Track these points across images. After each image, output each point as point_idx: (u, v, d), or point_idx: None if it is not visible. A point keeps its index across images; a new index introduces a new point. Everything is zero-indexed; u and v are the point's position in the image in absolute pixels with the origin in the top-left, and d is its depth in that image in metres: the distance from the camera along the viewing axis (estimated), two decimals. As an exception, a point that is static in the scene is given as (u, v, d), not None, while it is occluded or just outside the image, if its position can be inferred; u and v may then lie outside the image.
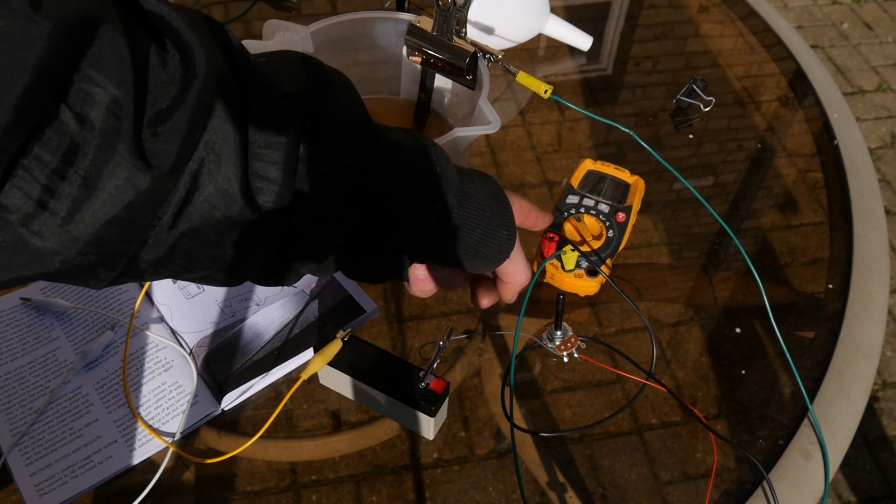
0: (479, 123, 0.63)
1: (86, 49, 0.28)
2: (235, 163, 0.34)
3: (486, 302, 0.53)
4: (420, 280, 0.50)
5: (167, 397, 0.60)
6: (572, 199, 0.72)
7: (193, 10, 0.34)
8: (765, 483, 0.57)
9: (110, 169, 0.30)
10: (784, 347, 0.65)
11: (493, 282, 0.53)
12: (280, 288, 0.68)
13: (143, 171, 0.30)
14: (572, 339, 0.64)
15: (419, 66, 0.71)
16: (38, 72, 0.26)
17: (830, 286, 0.71)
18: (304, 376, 0.58)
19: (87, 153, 0.29)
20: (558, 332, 0.64)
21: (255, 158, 0.35)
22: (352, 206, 0.40)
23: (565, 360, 0.64)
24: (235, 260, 0.37)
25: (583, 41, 0.93)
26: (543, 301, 0.69)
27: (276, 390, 0.62)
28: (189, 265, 0.36)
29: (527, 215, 0.52)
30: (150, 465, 0.57)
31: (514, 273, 0.51)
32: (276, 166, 0.35)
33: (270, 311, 0.66)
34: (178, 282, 0.68)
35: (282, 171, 0.35)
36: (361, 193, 0.40)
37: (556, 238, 0.67)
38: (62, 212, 0.29)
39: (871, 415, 1.61)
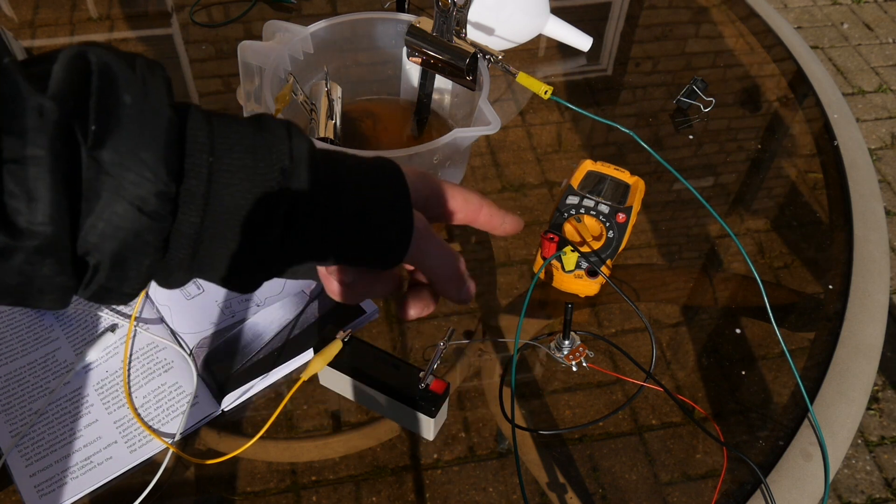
0: (479, 124, 0.62)
1: None
2: None
3: (412, 312, 0.45)
4: (326, 278, 0.44)
5: (167, 398, 0.60)
6: (572, 200, 0.72)
7: None
8: (763, 485, 0.57)
9: None
10: (784, 347, 0.65)
11: (426, 287, 0.45)
12: (280, 288, 0.68)
13: None
14: (580, 349, 0.64)
15: (419, 67, 0.71)
16: None
17: (830, 287, 0.71)
18: (305, 377, 0.58)
19: None
20: (566, 342, 0.64)
21: (9, 173, 0.29)
22: (156, 218, 0.34)
23: (574, 369, 0.64)
24: (24, 288, 0.32)
25: (583, 42, 0.94)
26: (544, 301, 0.69)
27: (276, 391, 0.62)
28: None
29: (475, 213, 0.44)
30: (150, 465, 0.57)
31: (433, 269, 0.42)
32: (39, 182, 0.29)
33: (270, 311, 0.66)
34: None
35: (49, 189, 0.30)
36: (162, 204, 0.34)
37: (556, 238, 0.67)
38: None
39: (871, 415, 1.61)
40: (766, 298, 0.68)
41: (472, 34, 0.86)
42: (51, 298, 0.33)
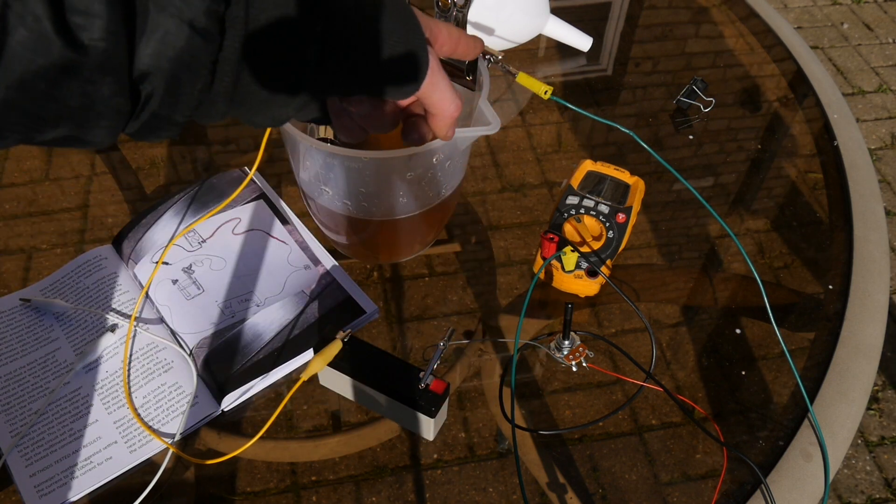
0: (479, 124, 0.62)
1: None
2: None
3: (415, 136, 0.48)
4: (338, 115, 0.46)
5: (167, 398, 0.60)
6: (572, 200, 0.72)
7: None
8: (763, 485, 0.57)
9: None
10: (784, 347, 0.65)
11: (423, 118, 0.48)
12: (280, 288, 0.68)
13: None
14: (580, 349, 0.64)
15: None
16: None
17: (830, 287, 0.71)
18: (304, 377, 0.58)
19: None
20: (566, 342, 0.64)
21: None
22: (207, 37, 0.35)
23: (574, 369, 0.64)
24: (84, 112, 0.33)
25: (583, 42, 0.93)
26: (545, 301, 0.69)
27: (276, 391, 0.62)
28: (33, 124, 0.32)
29: (456, 44, 0.48)
30: (150, 465, 0.57)
31: (440, 102, 0.46)
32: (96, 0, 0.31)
33: (270, 311, 0.66)
34: (179, 283, 0.68)
35: (105, 5, 0.31)
36: (211, 23, 0.35)
37: (556, 238, 0.67)
38: None
39: (871, 415, 1.61)
40: (766, 298, 0.68)
41: (472, 34, 0.86)
42: (106, 125, 0.35)
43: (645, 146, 0.74)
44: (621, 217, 0.70)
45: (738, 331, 0.67)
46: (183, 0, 0.33)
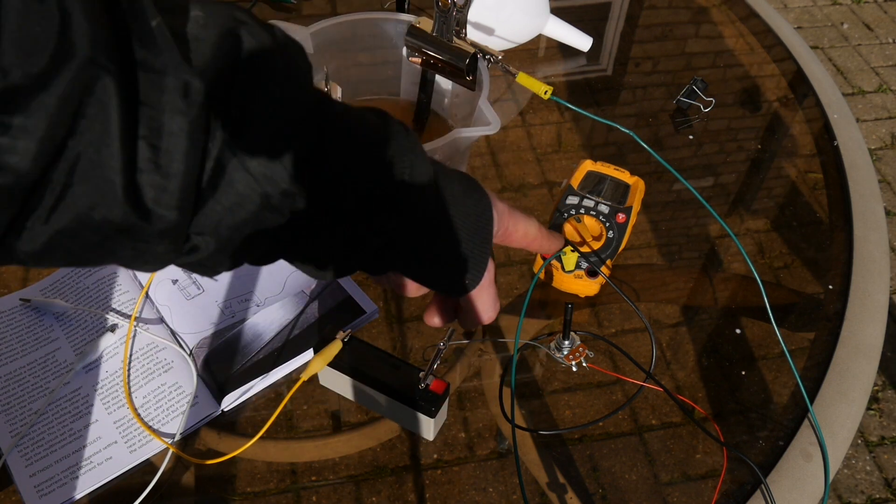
0: (479, 124, 0.63)
1: None
2: (118, 156, 0.27)
3: (434, 320, 0.48)
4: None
5: (167, 398, 0.60)
6: (572, 200, 0.72)
7: None
8: (763, 485, 0.57)
9: None
10: (784, 347, 0.65)
11: (453, 306, 0.48)
12: (280, 288, 0.68)
13: None
14: (580, 349, 0.64)
15: (419, 67, 0.71)
16: None
17: (830, 287, 0.71)
18: (304, 377, 0.58)
19: None
20: (566, 342, 0.64)
21: (145, 150, 0.28)
22: (277, 213, 0.33)
23: (574, 369, 0.64)
24: (133, 261, 0.31)
25: (583, 42, 0.94)
26: (545, 301, 0.69)
27: (276, 391, 0.62)
28: (76, 261, 0.30)
29: (530, 242, 0.48)
30: (150, 465, 0.57)
31: (474, 309, 0.45)
32: (173, 164, 0.28)
33: (270, 311, 0.66)
34: (179, 283, 0.68)
35: (181, 173, 0.28)
36: (286, 201, 0.33)
37: (556, 239, 0.67)
38: None
39: (871, 415, 1.61)
40: (766, 298, 0.68)
41: (472, 34, 0.86)
42: (152, 266, 0.33)
43: (645, 146, 0.74)
44: (621, 217, 0.70)
45: (738, 331, 0.67)
46: (265, 176, 0.31)
